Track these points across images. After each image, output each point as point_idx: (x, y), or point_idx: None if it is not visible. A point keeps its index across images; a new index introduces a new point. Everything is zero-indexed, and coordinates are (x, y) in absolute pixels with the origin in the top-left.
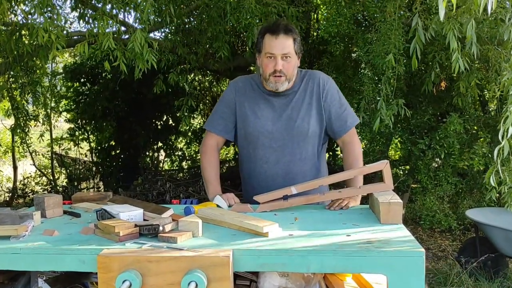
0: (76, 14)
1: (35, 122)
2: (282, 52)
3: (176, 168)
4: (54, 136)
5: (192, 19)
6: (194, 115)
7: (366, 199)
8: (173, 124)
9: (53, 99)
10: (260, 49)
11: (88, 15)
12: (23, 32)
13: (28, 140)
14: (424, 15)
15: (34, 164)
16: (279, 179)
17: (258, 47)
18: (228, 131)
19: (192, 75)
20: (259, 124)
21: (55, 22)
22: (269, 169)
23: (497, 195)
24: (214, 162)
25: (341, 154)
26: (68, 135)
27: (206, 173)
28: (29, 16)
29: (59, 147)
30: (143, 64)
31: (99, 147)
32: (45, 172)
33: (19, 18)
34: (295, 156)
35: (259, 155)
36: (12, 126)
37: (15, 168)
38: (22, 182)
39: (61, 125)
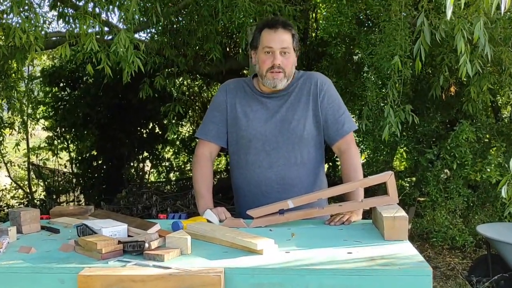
0: (55, 13)
1: (11, 130)
2: (281, 46)
3: (163, 180)
4: (31, 145)
5: (180, 19)
6: (183, 122)
7: (368, 214)
8: (160, 132)
9: (30, 105)
10: (256, 45)
11: (69, 14)
12: None
13: (2, 149)
14: (432, 14)
15: (9, 176)
16: (273, 184)
17: (255, 43)
18: (220, 136)
19: (180, 79)
20: (251, 126)
21: (33, 21)
22: (262, 173)
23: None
24: (207, 173)
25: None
26: (46, 144)
27: (197, 185)
28: (5, 15)
29: (37, 157)
30: (129, 67)
31: (79, 157)
32: (21, 184)
33: None
34: (290, 160)
35: (251, 159)
36: None
37: None
38: None
39: (39, 133)
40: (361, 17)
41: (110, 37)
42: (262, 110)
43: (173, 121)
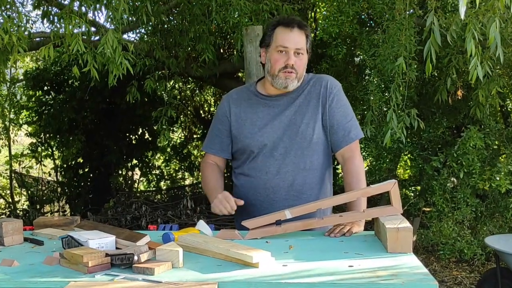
0: (39, 12)
1: None
2: (296, 47)
3: (153, 189)
4: (13, 153)
5: (171, 18)
6: (174, 128)
7: (371, 225)
8: (150, 139)
9: (12, 110)
10: (269, 43)
11: (53, 13)
12: None
13: None
14: (438, 13)
15: None
16: (281, 192)
17: (267, 41)
18: (224, 149)
19: (171, 82)
20: (258, 133)
21: (16, 21)
22: (269, 180)
23: None
24: (216, 173)
25: (341, 173)
26: (29, 151)
27: (206, 185)
28: None
29: (19, 165)
30: (117, 69)
31: (65, 165)
32: (3, 194)
33: None
34: (298, 166)
35: (258, 166)
36: None
37: None
38: None
39: (22, 139)
40: (363, 17)
41: (97, 37)
42: (269, 115)
43: (164, 126)
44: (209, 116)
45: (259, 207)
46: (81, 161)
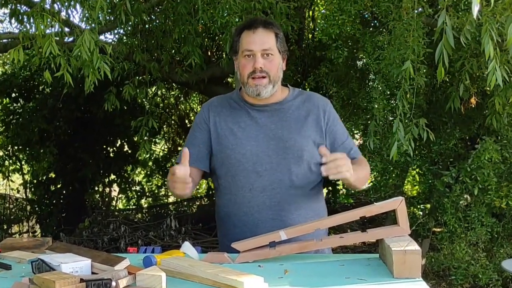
0: (7, 11)
1: None
2: (262, 48)
3: (133, 207)
4: None
5: (153, 17)
6: (156, 139)
7: (375, 247)
8: (130, 151)
9: None
10: (236, 50)
11: (22, 11)
12: None
13: None
14: (450, 12)
15: None
16: (266, 210)
17: (235, 48)
18: (201, 159)
19: (153, 89)
20: (240, 144)
21: None
22: (254, 198)
23: None
24: None
25: (342, 190)
26: None
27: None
28: None
29: None
30: (93, 74)
31: (35, 181)
32: None
33: None
34: (284, 183)
35: (241, 182)
36: None
37: None
38: None
39: None
40: (366, 16)
41: (70, 39)
42: (252, 126)
43: (146, 137)
44: None
45: (243, 228)
46: (53, 176)
